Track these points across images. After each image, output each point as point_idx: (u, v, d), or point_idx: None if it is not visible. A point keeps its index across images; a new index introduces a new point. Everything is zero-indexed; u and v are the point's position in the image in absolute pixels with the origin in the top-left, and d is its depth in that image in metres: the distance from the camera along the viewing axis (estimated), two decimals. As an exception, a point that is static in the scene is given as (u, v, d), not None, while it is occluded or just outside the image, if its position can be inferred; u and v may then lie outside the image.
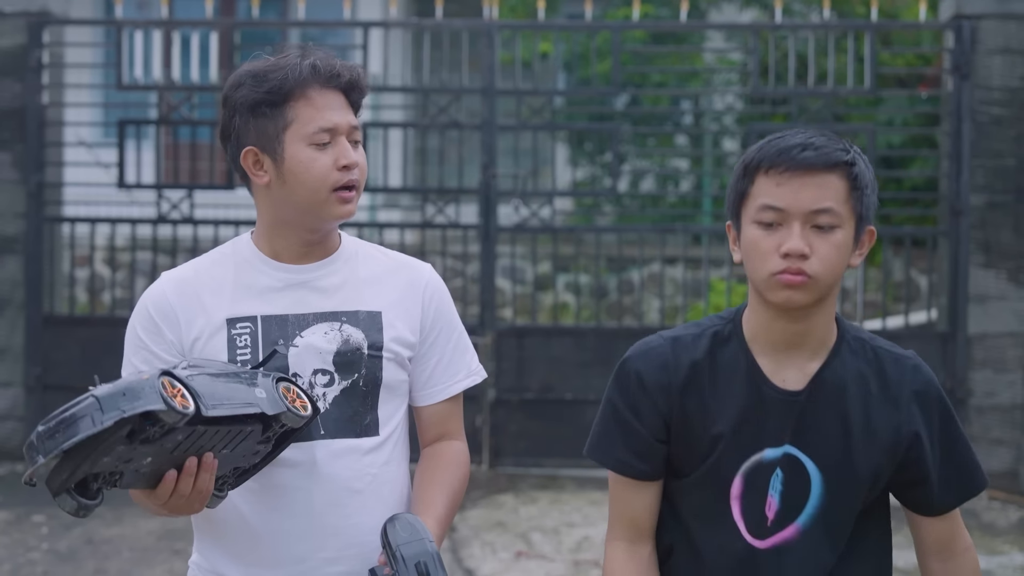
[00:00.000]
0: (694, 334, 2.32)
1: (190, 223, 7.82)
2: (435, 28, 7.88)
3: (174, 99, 7.99)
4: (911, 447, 2.27)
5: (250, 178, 2.41)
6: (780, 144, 2.18)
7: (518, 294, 10.85)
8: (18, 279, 7.66)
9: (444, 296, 2.55)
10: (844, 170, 2.17)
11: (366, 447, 2.41)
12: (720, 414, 2.27)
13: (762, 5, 12.16)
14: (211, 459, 2.18)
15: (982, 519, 6.79)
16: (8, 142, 7.65)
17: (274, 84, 2.33)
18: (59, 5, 7.84)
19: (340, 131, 2.37)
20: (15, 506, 6.77)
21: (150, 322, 2.44)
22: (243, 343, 2.37)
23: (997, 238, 7.37)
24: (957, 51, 7.37)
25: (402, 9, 13.56)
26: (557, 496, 7.05)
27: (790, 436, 2.25)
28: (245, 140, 2.37)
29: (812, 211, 2.15)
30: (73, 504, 2.09)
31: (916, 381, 2.29)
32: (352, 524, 2.40)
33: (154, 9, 12.77)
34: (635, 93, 10.89)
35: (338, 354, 2.39)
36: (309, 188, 2.35)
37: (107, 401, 2.02)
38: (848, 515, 2.27)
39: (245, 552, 2.41)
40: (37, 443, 2.04)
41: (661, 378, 2.30)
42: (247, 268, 2.44)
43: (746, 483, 2.26)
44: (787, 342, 2.26)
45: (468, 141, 8.49)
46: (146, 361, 2.43)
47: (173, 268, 2.52)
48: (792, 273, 2.15)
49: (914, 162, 10.18)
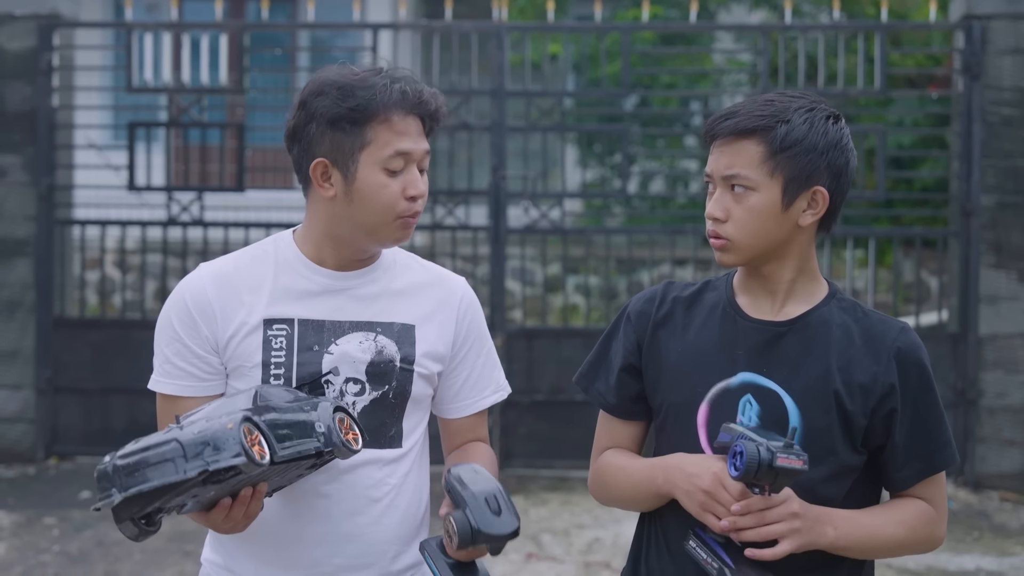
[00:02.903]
0: (692, 282, 2.46)
1: (200, 225, 7.83)
2: (444, 30, 7.88)
3: (184, 101, 8.01)
4: (884, 398, 2.27)
5: (312, 185, 2.39)
6: (717, 115, 2.30)
7: (528, 296, 10.85)
8: (29, 281, 7.67)
9: (477, 311, 2.56)
10: (761, 135, 2.24)
11: (388, 458, 2.43)
12: (690, 341, 2.37)
13: (772, 6, 12.14)
14: (263, 487, 2.21)
15: (993, 520, 6.77)
16: (18, 145, 7.66)
17: (360, 102, 2.32)
18: (69, 8, 7.85)
19: (414, 158, 2.36)
20: (26, 508, 6.78)
21: (187, 315, 2.41)
22: (279, 345, 2.38)
23: (1008, 238, 7.35)
24: (967, 51, 7.35)
25: (411, 11, 13.56)
26: (567, 498, 7.05)
27: (762, 366, 2.29)
28: (318, 150, 2.35)
29: (723, 176, 2.27)
30: (135, 531, 2.13)
31: (900, 340, 2.30)
32: (369, 533, 2.41)
33: (164, 11, 12.79)
34: (645, 94, 10.87)
35: (371, 364, 2.40)
36: (375, 212, 2.35)
37: (191, 449, 2.03)
38: (829, 454, 2.26)
39: (261, 552, 2.42)
40: (113, 476, 2.05)
41: (646, 308, 2.44)
42: (287, 269, 2.43)
43: (712, 410, 2.31)
44: (759, 287, 2.35)
45: (478, 143, 8.49)
46: (178, 354, 2.40)
47: (211, 260, 2.51)
48: (712, 236, 2.30)
49: (924, 163, 10.16)
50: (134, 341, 7.66)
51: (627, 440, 2.48)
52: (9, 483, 7.33)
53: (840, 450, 2.27)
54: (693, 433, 2.32)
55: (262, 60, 10.06)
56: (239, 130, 7.87)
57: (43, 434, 7.64)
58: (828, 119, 2.27)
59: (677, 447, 2.35)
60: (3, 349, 7.66)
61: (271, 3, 8.31)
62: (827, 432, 2.26)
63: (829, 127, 2.26)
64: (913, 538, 2.33)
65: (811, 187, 2.26)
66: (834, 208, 2.31)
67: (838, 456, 2.27)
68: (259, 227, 7.93)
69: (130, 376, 7.54)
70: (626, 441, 2.48)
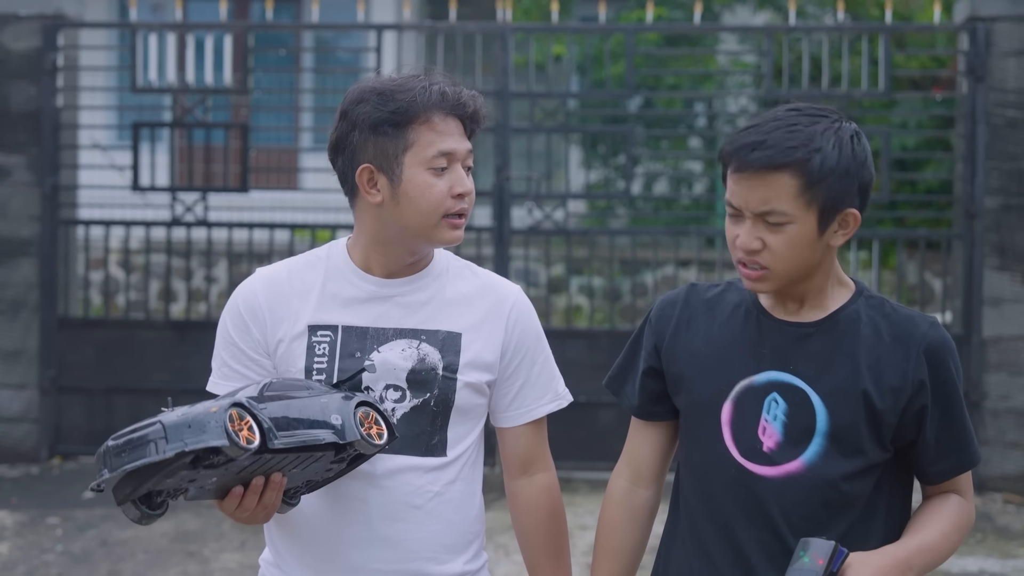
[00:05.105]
0: (715, 283, 2.45)
1: (204, 226, 7.83)
2: (449, 31, 7.88)
3: (188, 102, 8.01)
4: (915, 395, 2.27)
5: (358, 193, 2.41)
6: (739, 141, 2.23)
7: (531, 296, 10.81)
8: (33, 281, 7.68)
9: (530, 319, 2.54)
10: (795, 168, 2.19)
11: (430, 465, 2.42)
12: (713, 340, 2.37)
13: (776, 7, 12.15)
14: (279, 479, 2.22)
15: (996, 522, 6.77)
16: (23, 145, 7.67)
17: (400, 105, 2.34)
18: (74, 8, 7.86)
19: (457, 157, 2.38)
20: (30, 508, 6.79)
21: (240, 319, 2.45)
22: (321, 351, 2.40)
23: (1012, 241, 7.34)
24: (971, 53, 7.35)
25: (415, 12, 13.57)
26: (570, 499, 7.05)
27: (788, 364, 2.29)
28: (362, 157, 2.37)
29: (758, 213, 2.22)
30: (136, 513, 2.16)
31: (930, 335, 2.29)
32: (408, 539, 2.41)
33: (168, 12, 12.80)
34: (649, 95, 10.88)
35: (412, 372, 2.40)
36: (423, 212, 2.36)
37: (172, 431, 2.06)
38: (856, 453, 2.27)
39: (304, 553, 2.45)
40: (105, 457, 2.10)
41: (667, 311, 2.44)
42: (336, 276, 2.45)
43: (736, 407, 2.32)
44: (784, 291, 2.32)
45: (481, 144, 8.48)
46: (234, 357, 2.45)
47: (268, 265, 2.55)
48: (748, 267, 2.26)
49: (928, 165, 10.16)
50: (138, 341, 7.67)
51: (651, 446, 2.48)
52: (13, 483, 7.33)
53: (867, 448, 2.27)
54: (718, 431, 2.33)
55: (266, 61, 10.05)
56: (243, 130, 7.88)
57: (47, 434, 7.64)
58: (852, 138, 2.24)
59: (702, 446, 2.36)
60: (7, 349, 7.66)
61: (275, 4, 8.31)
62: (854, 430, 2.26)
63: (855, 147, 2.24)
64: (961, 536, 2.36)
65: (844, 210, 2.25)
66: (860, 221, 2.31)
67: (865, 454, 2.27)
68: (263, 227, 7.94)
69: (134, 376, 7.55)
70: (647, 455, 2.48)
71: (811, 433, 2.26)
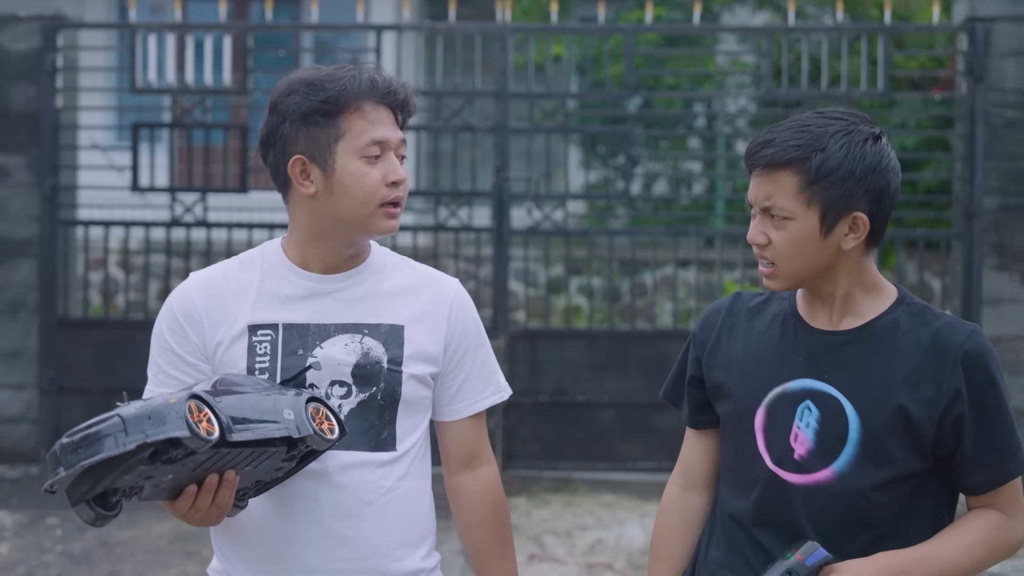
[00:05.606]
0: (760, 292, 2.48)
1: (203, 226, 7.83)
2: (448, 31, 7.88)
3: (188, 102, 8.02)
4: (951, 404, 2.25)
5: (291, 187, 2.39)
6: (754, 140, 2.30)
7: (531, 297, 10.85)
8: (32, 282, 7.68)
9: (471, 312, 2.54)
10: (796, 166, 2.23)
11: (381, 460, 2.40)
12: (751, 347, 2.40)
13: (775, 7, 12.14)
14: (232, 476, 2.19)
15: (996, 522, 6.77)
16: (22, 145, 7.67)
17: (331, 94, 2.33)
18: (73, 9, 7.86)
19: (390, 146, 2.37)
20: (29, 508, 6.79)
21: (176, 323, 2.42)
22: (263, 350, 2.37)
23: (1011, 240, 7.35)
24: (971, 53, 7.35)
25: (415, 12, 13.57)
26: (570, 499, 7.05)
27: (823, 373, 2.29)
28: (293, 148, 2.36)
29: (762, 207, 2.28)
30: (91, 514, 2.12)
31: (968, 344, 2.29)
32: (362, 536, 2.39)
33: (168, 13, 12.80)
34: (648, 96, 10.88)
35: (357, 366, 2.38)
36: (358, 201, 2.34)
37: (132, 423, 2.02)
38: (888, 463, 2.26)
39: (257, 557, 2.41)
40: (60, 455, 2.05)
41: (710, 320, 2.49)
42: (273, 275, 2.43)
43: (769, 414, 2.33)
44: (817, 300, 2.35)
45: (481, 144, 8.50)
46: (171, 363, 2.42)
47: (202, 269, 2.52)
48: (761, 264, 2.33)
49: (928, 165, 10.15)
50: (137, 342, 7.62)
51: (702, 453, 2.52)
52: (12, 483, 7.34)
53: (898, 458, 2.25)
54: (752, 437, 2.34)
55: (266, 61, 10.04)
56: (243, 131, 7.88)
57: (46, 434, 7.64)
58: (866, 141, 2.25)
59: (737, 452, 2.38)
60: (7, 349, 7.67)
61: (275, 4, 8.32)
62: (886, 439, 2.25)
63: (867, 151, 2.24)
64: (990, 554, 2.32)
65: (850, 213, 2.25)
66: (878, 227, 2.29)
67: (895, 464, 2.25)
68: (262, 228, 7.94)
69: (133, 377, 7.47)
70: (698, 461, 2.52)
71: (843, 442, 2.26)
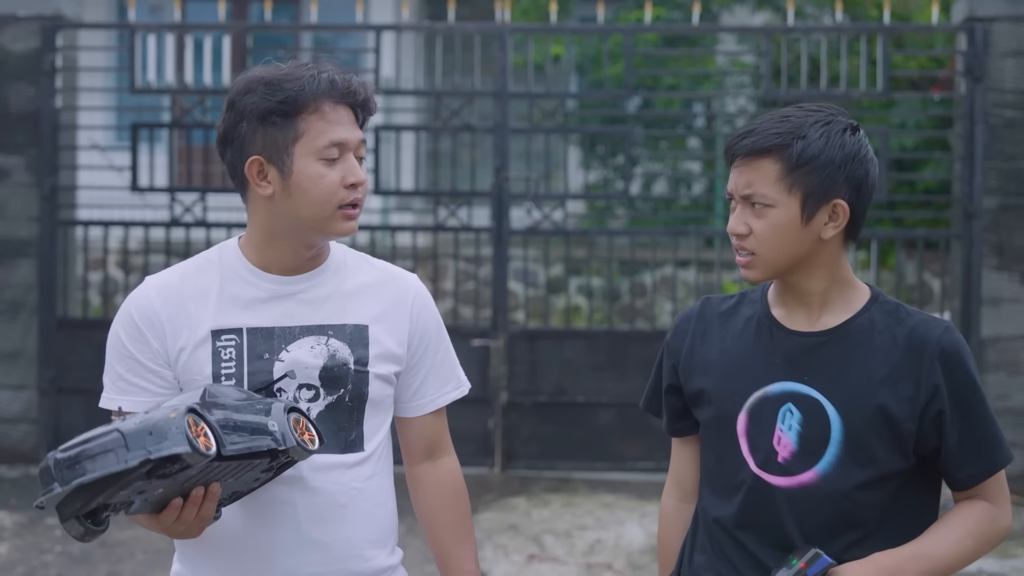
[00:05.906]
0: (729, 295, 2.49)
1: (203, 226, 7.83)
2: (447, 31, 7.88)
3: (187, 102, 8.02)
4: (931, 400, 2.27)
5: (248, 187, 2.35)
6: (736, 133, 2.33)
7: (530, 297, 10.85)
8: (32, 282, 7.68)
9: (431, 309, 2.53)
10: (777, 153, 2.25)
11: (351, 462, 2.39)
12: (727, 352, 2.40)
13: (774, 7, 12.15)
14: (217, 488, 2.16)
15: (996, 522, 6.76)
16: (22, 146, 7.67)
17: (289, 94, 2.28)
18: (72, 9, 7.86)
19: (349, 147, 2.33)
20: (29, 509, 6.79)
21: (135, 330, 2.35)
22: (228, 356, 2.33)
23: (1010, 240, 7.35)
24: (970, 53, 7.36)
25: (414, 12, 13.57)
26: (569, 499, 7.05)
27: (803, 375, 2.30)
28: (251, 148, 2.32)
29: (743, 195, 2.30)
30: (80, 530, 2.07)
31: (944, 340, 2.29)
32: (338, 539, 2.38)
33: (167, 13, 12.81)
34: (647, 96, 10.89)
35: (325, 369, 2.36)
36: (315, 203, 2.30)
37: (133, 439, 1.98)
38: (870, 463, 2.27)
39: (231, 565, 2.38)
40: (55, 471, 2.00)
41: (682, 327, 2.49)
42: (233, 278, 2.38)
43: (751, 418, 2.33)
44: (793, 299, 2.36)
45: (480, 144, 8.50)
46: (131, 370, 2.35)
47: (157, 273, 2.46)
48: (739, 254, 2.33)
49: (927, 165, 10.16)
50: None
51: (690, 462, 2.53)
52: (12, 483, 7.34)
53: (881, 457, 2.27)
54: (735, 442, 2.35)
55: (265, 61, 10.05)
56: (242, 131, 7.86)
57: (46, 435, 7.64)
58: (845, 131, 2.27)
59: (719, 457, 2.39)
60: (6, 350, 7.67)
61: (274, 4, 8.32)
62: (868, 439, 2.26)
63: (846, 140, 2.26)
64: (980, 544, 2.33)
65: (830, 201, 2.26)
66: (857, 219, 2.31)
67: (878, 463, 2.27)
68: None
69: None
70: (688, 472, 2.54)
71: (826, 443, 2.27)
